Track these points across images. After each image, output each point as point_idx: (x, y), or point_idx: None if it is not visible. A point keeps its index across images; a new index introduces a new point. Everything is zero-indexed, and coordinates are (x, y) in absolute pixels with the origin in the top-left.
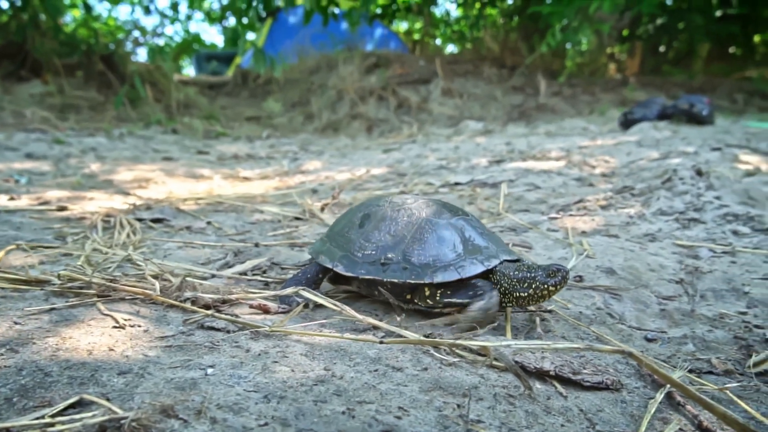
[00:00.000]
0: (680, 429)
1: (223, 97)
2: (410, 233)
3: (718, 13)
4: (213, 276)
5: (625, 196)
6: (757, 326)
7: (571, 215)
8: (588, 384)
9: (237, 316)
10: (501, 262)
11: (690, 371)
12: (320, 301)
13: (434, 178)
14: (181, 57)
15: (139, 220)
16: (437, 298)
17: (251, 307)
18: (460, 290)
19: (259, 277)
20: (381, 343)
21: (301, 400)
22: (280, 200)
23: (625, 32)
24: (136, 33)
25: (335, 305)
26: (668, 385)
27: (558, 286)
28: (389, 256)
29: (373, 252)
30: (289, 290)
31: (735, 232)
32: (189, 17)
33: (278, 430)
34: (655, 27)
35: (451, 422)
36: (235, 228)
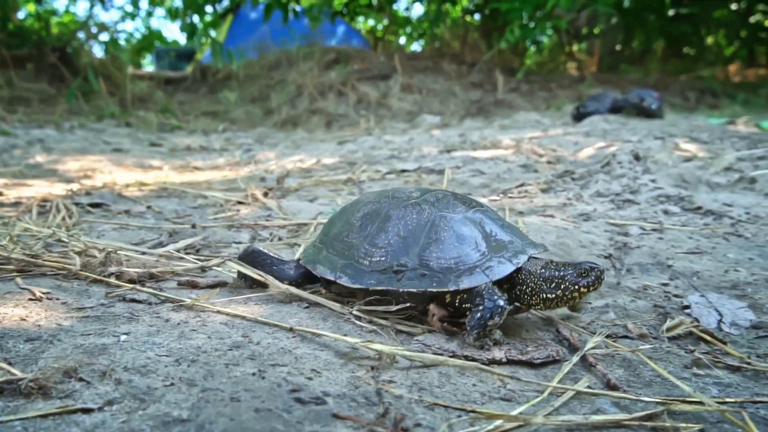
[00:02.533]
0: (588, 386)
1: (182, 92)
2: (424, 233)
3: (671, 13)
4: (143, 254)
5: (565, 180)
6: (676, 295)
7: (510, 197)
8: (539, 361)
9: (162, 290)
10: (528, 259)
11: (607, 336)
12: (248, 272)
13: (383, 167)
14: (142, 53)
15: (77, 204)
16: (457, 304)
17: (179, 283)
18: (473, 295)
19: (191, 256)
20: (291, 330)
21: (213, 363)
22: (226, 186)
23: (584, 30)
24: (94, 28)
25: (264, 277)
26: (584, 348)
27: (591, 287)
28: (403, 261)
29: (383, 258)
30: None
31: (666, 212)
32: (150, 13)
33: (183, 390)
34: (612, 26)
35: (362, 382)
36: (176, 212)
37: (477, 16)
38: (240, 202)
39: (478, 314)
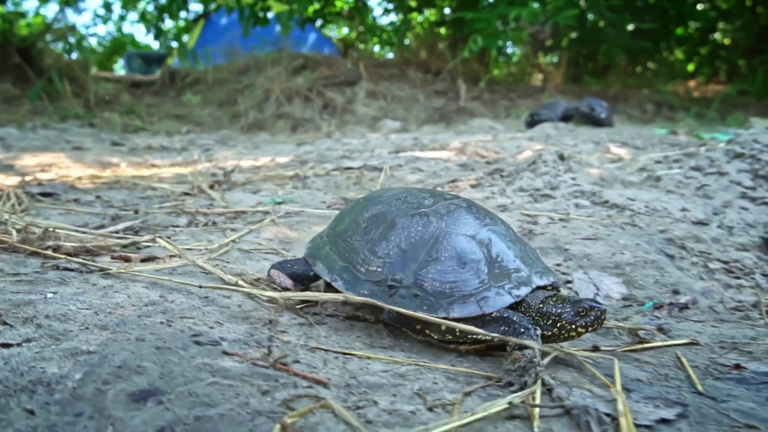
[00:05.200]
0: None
1: (150, 95)
2: (425, 249)
3: (630, 27)
4: (84, 233)
5: (494, 177)
6: (564, 273)
7: (439, 191)
8: None
9: (95, 262)
10: (532, 290)
11: None
12: (175, 251)
13: (331, 165)
14: (113, 57)
15: (28, 194)
16: (457, 332)
17: (112, 257)
18: (487, 324)
19: (130, 236)
20: (200, 287)
21: (128, 315)
22: (177, 180)
23: (549, 43)
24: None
25: (189, 259)
26: None
27: (589, 328)
28: (398, 277)
29: (379, 269)
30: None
31: (577, 205)
32: (122, 17)
33: (95, 332)
34: (574, 39)
35: (258, 331)
36: (124, 202)
37: (444, 27)
38: (186, 194)
39: (521, 330)
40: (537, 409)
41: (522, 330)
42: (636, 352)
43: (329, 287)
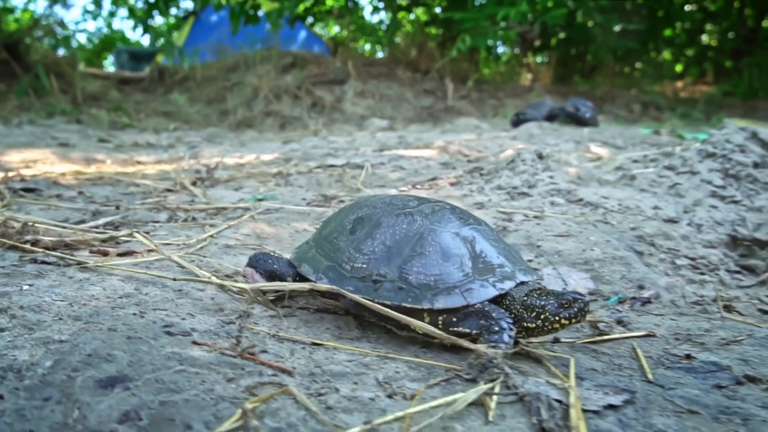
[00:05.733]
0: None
1: (139, 92)
2: (409, 245)
3: (617, 28)
4: (64, 228)
5: (474, 175)
6: (535, 269)
7: (417, 188)
8: None
9: (73, 256)
10: (516, 285)
11: None
12: (152, 246)
13: (315, 162)
14: (103, 54)
15: (11, 189)
16: (439, 326)
17: (91, 251)
18: (469, 317)
19: (109, 231)
20: (174, 280)
21: (102, 306)
22: (160, 177)
23: (537, 43)
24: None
25: (164, 254)
26: None
27: (573, 320)
28: (382, 271)
29: (364, 265)
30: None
31: (552, 203)
32: (112, 14)
33: (68, 323)
34: (563, 39)
35: (229, 323)
36: (107, 198)
37: (434, 26)
38: (169, 190)
39: (495, 329)
40: (494, 398)
41: (497, 329)
42: (595, 343)
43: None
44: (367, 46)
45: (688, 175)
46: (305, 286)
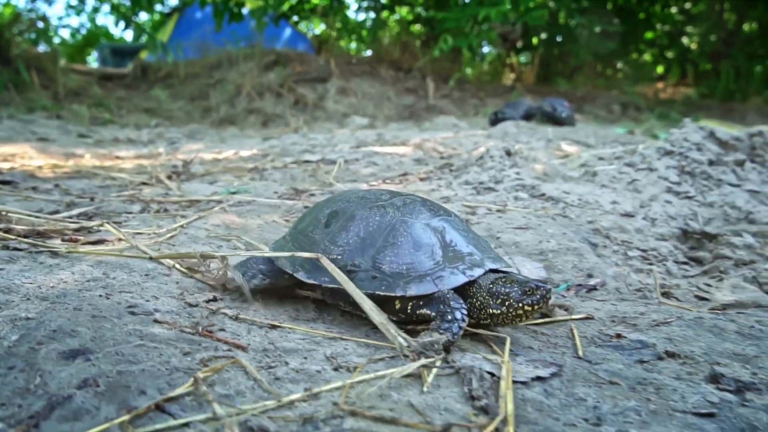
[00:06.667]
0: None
1: (121, 88)
2: (382, 236)
3: (597, 29)
4: (37, 217)
5: (444, 171)
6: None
7: (387, 183)
8: None
9: (45, 243)
10: (485, 272)
11: None
12: (120, 235)
13: (292, 158)
14: (87, 50)
15: None
16: (408, 311)
17: (62, 239)
18: (433, 301)
19: (82, 221)
20: (151, 259)
21: (69, 289)
22: (137, 171)
23: (519, 43)
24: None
25: (131, 242)
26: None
27: (535, 306)
28: (357, 262)
29: (339, 257)
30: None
31: (516, 198)
32: (96, 9)
33: (36, 303)
34: (544, 40)
35: (192, 307)
36: (83, 190)
37: (419, 26)
38: (144, 183)
39: (449, 317)
40: (434, 371)
41: (449, 318)
42: (537, 325)
43: (300, 285)
44: (353, 45)
45: (646, 172)
46: (263, 254)
